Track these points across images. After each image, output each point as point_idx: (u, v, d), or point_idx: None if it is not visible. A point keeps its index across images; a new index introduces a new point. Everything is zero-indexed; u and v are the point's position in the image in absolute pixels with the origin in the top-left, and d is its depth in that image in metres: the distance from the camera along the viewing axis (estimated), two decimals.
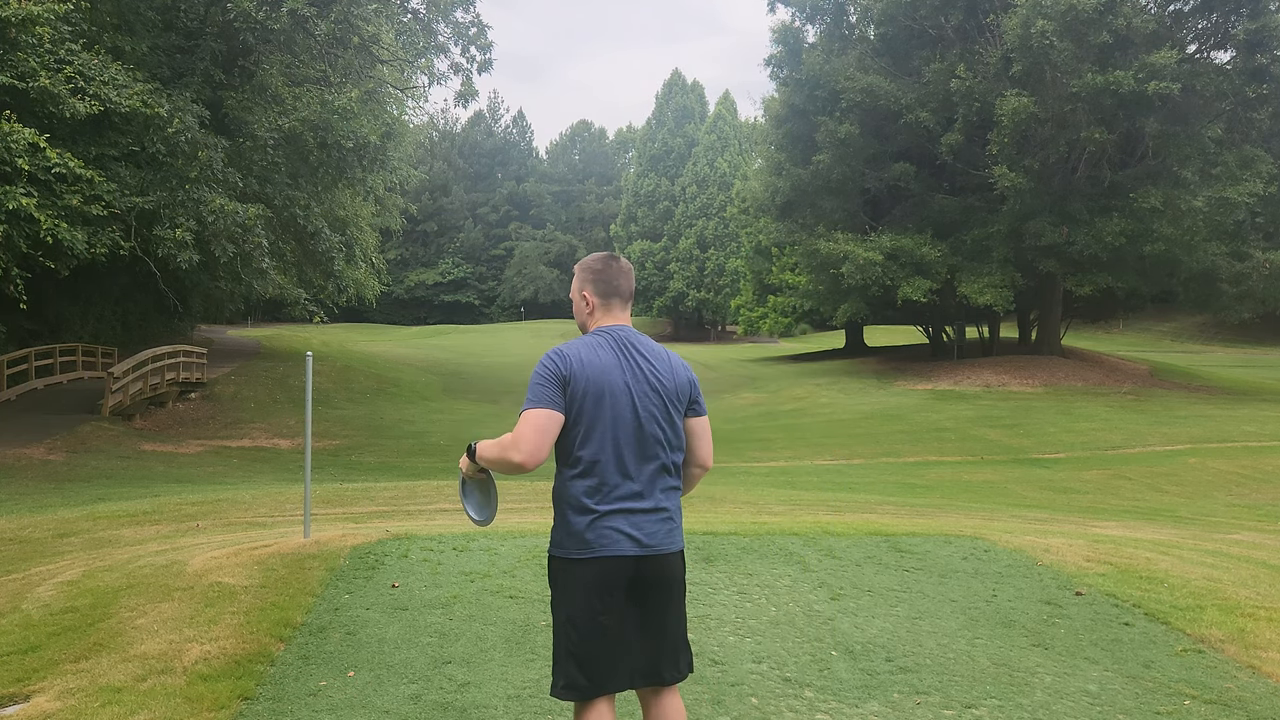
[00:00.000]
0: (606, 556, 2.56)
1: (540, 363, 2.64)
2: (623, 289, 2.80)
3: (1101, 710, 3.69)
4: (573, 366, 2.60)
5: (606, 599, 2.57)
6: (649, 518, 2.61)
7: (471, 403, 31.79)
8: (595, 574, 2.57)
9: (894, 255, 32.52)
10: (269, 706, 3.59)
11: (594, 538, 2.57)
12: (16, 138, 15.24)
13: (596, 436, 2.59)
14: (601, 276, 2.79)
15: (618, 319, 2.79)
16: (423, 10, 27.62)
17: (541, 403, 2.58)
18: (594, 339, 2.71)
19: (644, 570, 2.60)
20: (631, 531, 2.58)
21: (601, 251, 2.92)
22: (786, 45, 36.59)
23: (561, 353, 2.64)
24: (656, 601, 2.65)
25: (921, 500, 13.29)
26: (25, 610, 4.96)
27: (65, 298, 27.84)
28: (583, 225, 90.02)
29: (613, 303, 2.79)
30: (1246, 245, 32.28)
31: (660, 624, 2.66)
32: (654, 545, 2.61)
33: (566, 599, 2.61)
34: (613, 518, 2.57)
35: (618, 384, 2.62)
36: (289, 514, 9.77)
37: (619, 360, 2.66)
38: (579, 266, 2.85)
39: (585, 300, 2.81)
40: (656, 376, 2.68)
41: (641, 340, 2.75)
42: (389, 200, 44.47)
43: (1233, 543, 8.27)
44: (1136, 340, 54.93)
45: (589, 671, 2.57)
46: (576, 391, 2.59)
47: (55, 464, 17.05)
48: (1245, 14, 29.37)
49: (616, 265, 2.81)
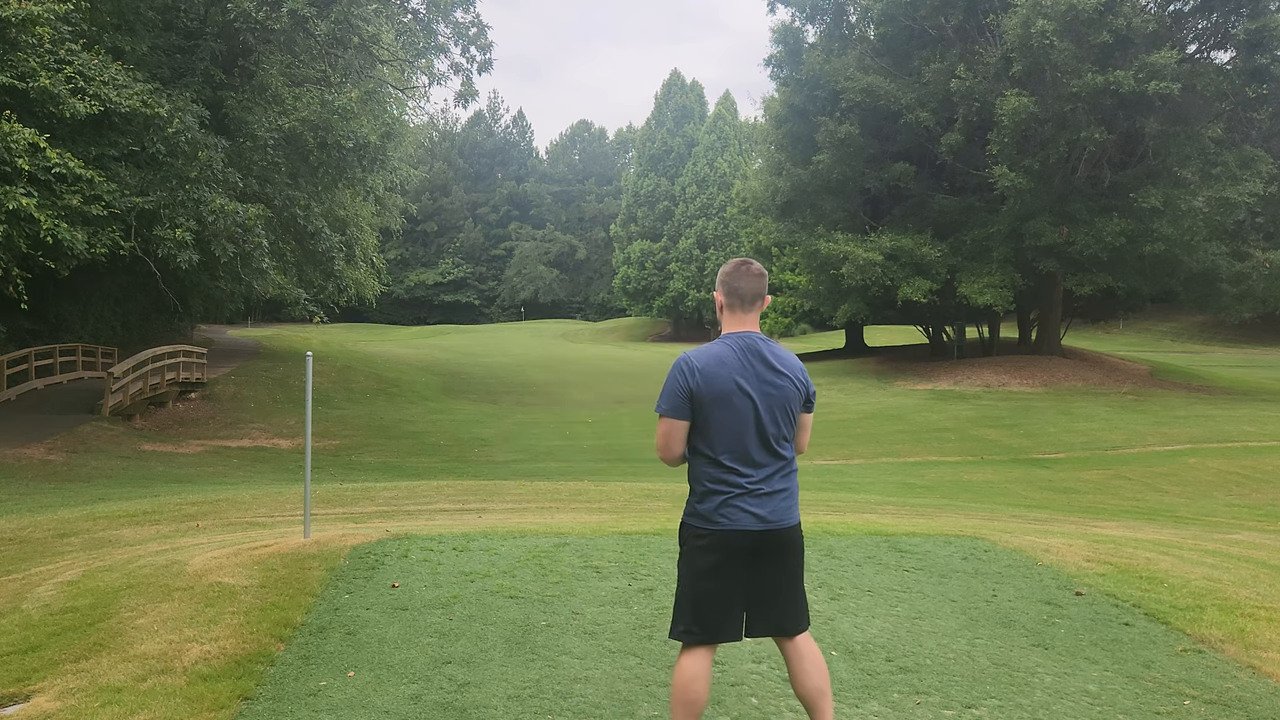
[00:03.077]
0: (732, 531, 2.97)
1: (672, 374, 3.02)
2: (744, 292, 3.06)
3: (1101, 710, 3.69)
4: (698, 377, 2.97)
5: (727, 567, 2.99)
6: (771, 499, 3.01)
7: (471, 403, 31.78)
8: (721, 545, 2.98)
9: (894, 255, 32.50)
10: (269, 706, 3.59)
11: (721, 517, 2.97)
12: (16, 138, 15.23)
13: (724, 433, 2.97)
14: (728, 280, 3.08)
15: (743, 322, 3.07)
16: (423, 10, 27.63)
17: (670, 412, 3.00)
18: (720, 348, 3.03)
19: (765, 542, 3.01)
20: (755, 510, 2.98)
21: (736, 258, 3.20)
22: (786, 45, 36.57)
23: (691, 365, 2.99)
24: (775, 568, 3.05)
25: (921, 500, 13.29)
26: (25, 610, 4.96)
27: (65, 298, 27.83)
28: (583, 225, 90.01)
29: (736, 304, 3.08)
30: (1246, 245, 32.27)
31: (776, 586, 3.06)
32: (775, 521, 3.01)
33: (692, 562, 3.04)
34: (739, 499, 2.97)
35: (741, 391, 2.97)
36: (289, 514, 9.77)
37: (742, 366, 2.99)
38: (719, 269, 3.16)
39: (717, 301, 3.13)
40: (777, 378, 3.01)
41: (765, 345, 3.04)
42: (389, 200, 44.48)
43: (1233, 543, 8.27)
44: (1136, 340, 54.93)
45: (703, 623, 3.00)
46: (702, 398, 2.97)
47: (55, 464, 17.05)
48: (1245, 14, 29.36)
49: (744, 270, 3.08)
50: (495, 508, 10.13)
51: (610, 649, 4.32)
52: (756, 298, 3.06)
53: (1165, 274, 32.75)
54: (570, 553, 6.13)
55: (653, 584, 5.43)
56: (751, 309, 3.06)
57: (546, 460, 21.03)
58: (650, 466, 19.74)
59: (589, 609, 4.92)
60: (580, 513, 9.30)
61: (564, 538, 6.60)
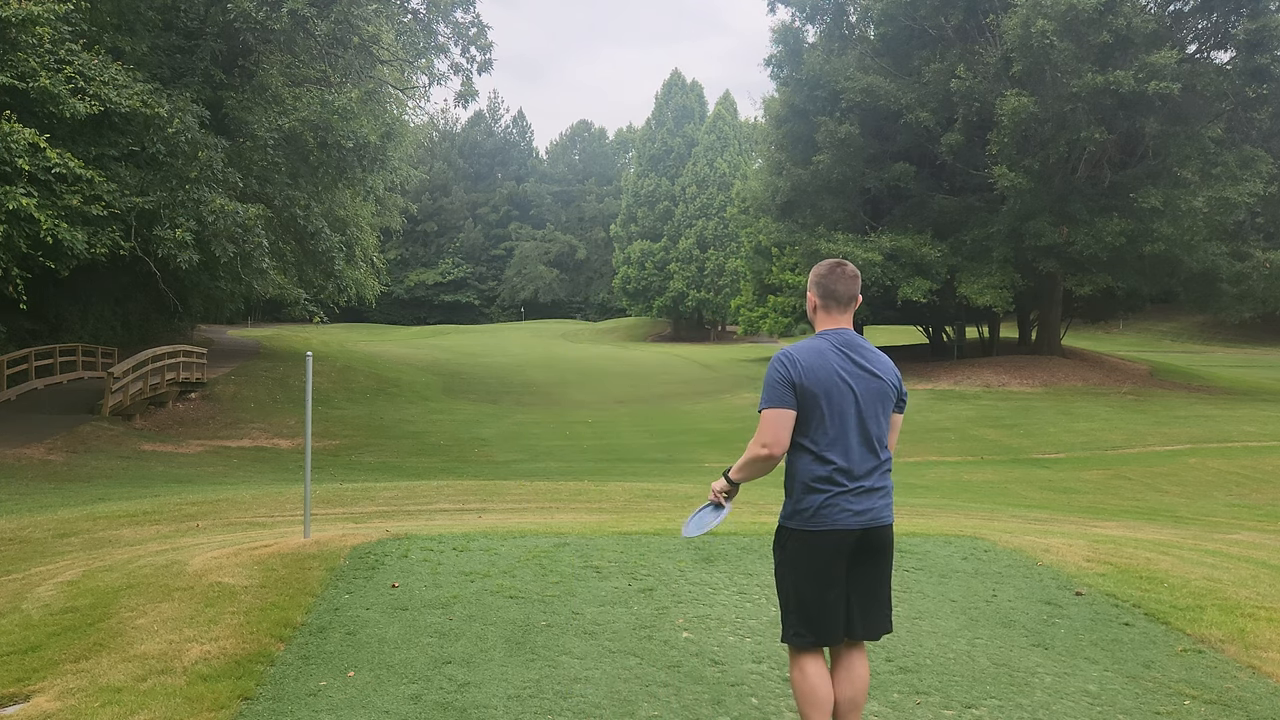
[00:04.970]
0: (835, 530, 2.96)
1: (773, 367, 3.01)
2: (840, 293, 3.09)
3: (1101, 710, 3.69)
4: (800, 370, 2.97)
5: (831, 568, 2.98)
6: (871, 496, 3.00)
7: (471, 403, 31.78)
8: (824, 544, 2.97)
9: (894, 255, 32.49)
10: (269, 706, 3.59)
11: (825, 514, 2.96)
12: (16, 138, 15.24)
13: (825, 429, 2.97)
14: (824, 281, 3.10)
15: (838, 321, 3.09)
16: (423, 10, 27.65)
17: (775, 403, 2.96)
18: (818, 342, 3.04)
19: (866, 540, 3.01)
20: (856, 508, 2.97)
21: (831, 258, 3.20)
22: (786, 45, 36.55)
23: (791, 357, 3.00)
24: (875, 567, 3.07)
25: (921, 500, 13.29)
26: (25, 610, 4.96)
27: (65, 298, 27.83)
28: (583, 225, 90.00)
29: (831, 305, 3.10)
30: (1246, 245, 32.24)
31: (877, 585, 3.09)
32: (876, 519, 3.01)
33: (795, 565, 3.03)
34: (842, 497, 2.96)
35: (841, 384, 2.98)
36: (289, 514, 9.77)
37: (842, 362, 3.00)
38: (812, 271, 3.18)
39: (810, 301, 3.16)
40: (875, 376, 3.03)
41: (861, 343, 3.08)
42: (389, 200, 44.51)
43: (1233, 543, 8.27)
44: (1136, 340, 54.93)
45: (811, 625, 3.00)
46: (805, 391, 2.96)
47: (55, 464, 17.05)
48: (1245, 14, 29.35)
49: (839, 271, 3.10)
50: (495, 508, 10.13)
51: (610, 649, 4.32)
52: (851, 299, 3.10)
53: (1165, 274, 32.73)
54: (570, 553, 6.13)
55: (653, 584, 5.43)
56: (847, 310, 3.10)
57: (546, 460, 21.03)
58: (650, 466, 19.74)
59: (589, 609, 4.92)
60: (580, 513, 9.30)
61: (564, 538, 6.60)
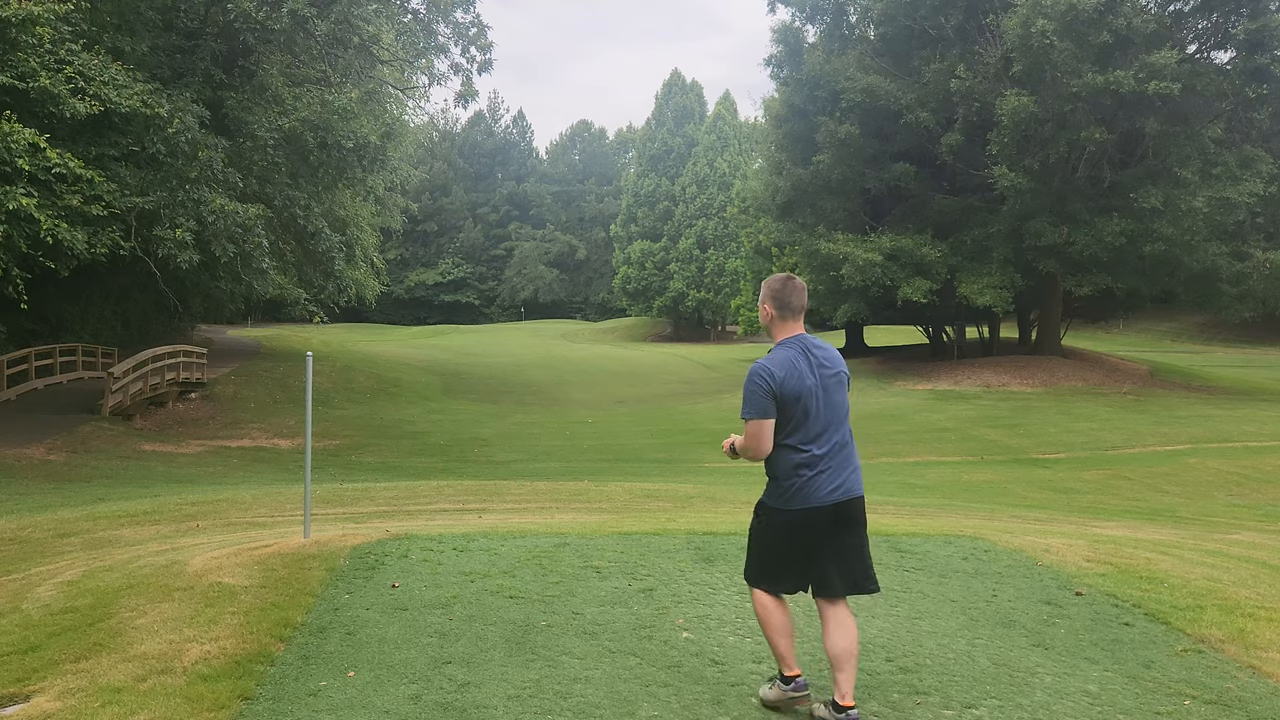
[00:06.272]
0: (811, 508, 3.49)
1: (752, 379, 3.50)
2: (794, 304, 3.61)
3: (1101, 710, 3.69)
4: (778, 380, 3.47)
5: (801, 539, 3.54)
6: (842, 472, 3.53)
7: (471, 403, 31.77)
8: (802, 521, 3.51)
9: (894, 255, 32.47)
10: (269, 706, 3.59)
11: (804, 494, 3.48)
12: (16, 138, 15.24)
13: (802, 425, 3.50)
14: (779, 295, 3.61)
15: (792, 329, 3.62)
16: (423, 10, 27.63)
17: (758, 413, 3.48)
18: (787, 352, 3.55)
19: (840, 513, 3.52)
20: (831, 485, 3.50)
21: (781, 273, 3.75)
22: (786, 45, 36.55)
23: (769, 369, 3.48)
24: (852, 533, 3.57)
25: (921, 500, 13.29)
26: (25, 610, 4.96)
27: (65, 298, 27.83)
28: (583, 225, 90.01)
29: (786, 315, 3.61)
30: (1246, 245, 32.21)
31: (856, 548, 3.59)
32: (848, 493, 3.54)
33: (768, 534, 3.62)
34: (818, 478, 3.49)
35: (811, 384, 3.51)
36: (289, 514, 9.77)
37: (808, 364, 3.53)
38: (763, 284, 3.69)
39: (766, 311, 3.66)
40: (831, 370, 3.58)
41: (815, 343, 3.61)
42: (389, 200, 44.49)
43: (1233, 543, 8.27)
44: (1136, 340, 54.91)
45: (769, 579, 3.63)
46: (784, 398, 3.47)
47: (55, 464, 17.05)
48: (1245, 14, 29.35)
49: (791, 285, 3.62)
50: (495, 508, 10.13)
51: (610, 649, 4.32)
52: (802, 308, 3.62)
53: (1165, 274, 32.71)
54: (570, 553, 6.13)
55: (653, 584, 5.43)
56: (799, 317, 3.62)
57: (546, 460, 21.02)
58: (650, 466, 19.75)
59: (589, 609, 4.92)
60: (580, 513, 9.30)
61: (564, 538, 6.60)
